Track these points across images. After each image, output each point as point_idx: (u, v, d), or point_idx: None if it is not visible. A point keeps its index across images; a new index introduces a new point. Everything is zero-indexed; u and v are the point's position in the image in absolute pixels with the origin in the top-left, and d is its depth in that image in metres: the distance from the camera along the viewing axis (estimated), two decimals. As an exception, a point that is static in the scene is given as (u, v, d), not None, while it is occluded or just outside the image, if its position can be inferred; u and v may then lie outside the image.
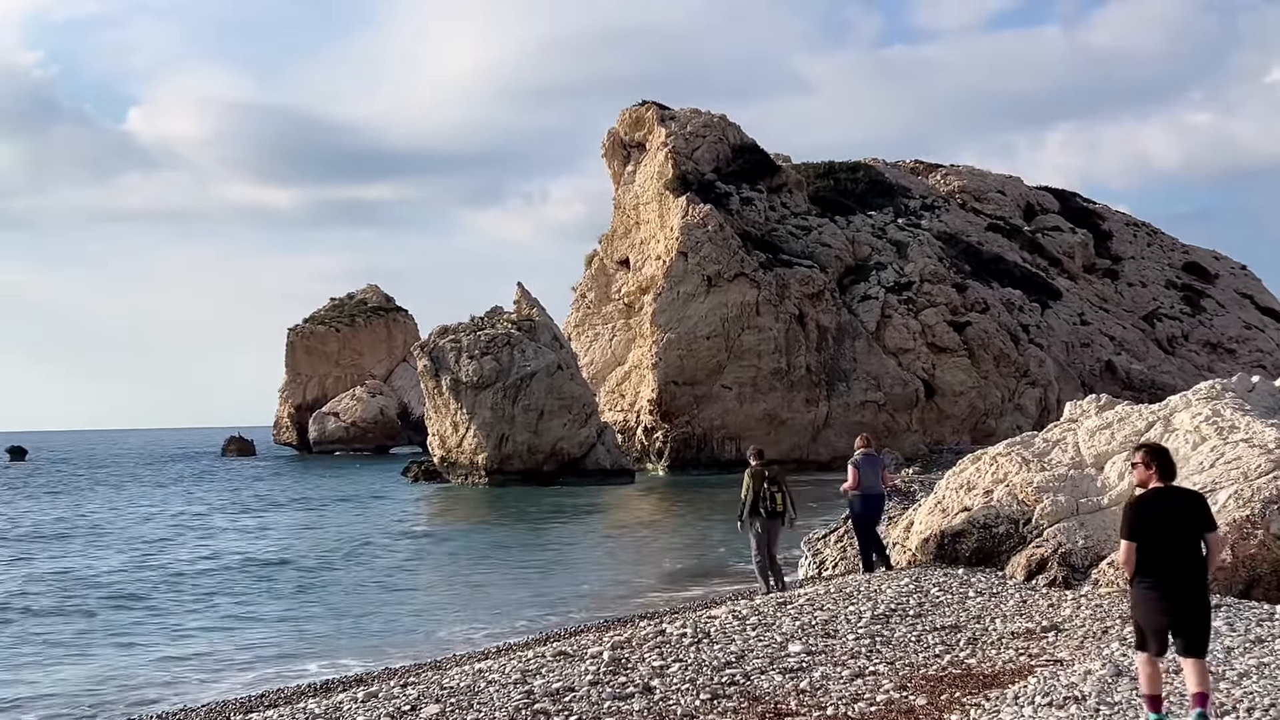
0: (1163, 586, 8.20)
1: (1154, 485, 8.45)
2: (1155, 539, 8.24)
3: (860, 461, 18.74)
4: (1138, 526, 8.32)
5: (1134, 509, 8.44)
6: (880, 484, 19.14)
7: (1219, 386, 18.71)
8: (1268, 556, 14.43)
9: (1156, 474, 8.46)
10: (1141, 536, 8.27)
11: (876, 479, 18.95)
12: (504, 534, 38.62)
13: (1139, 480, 8.61)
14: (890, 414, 71.99)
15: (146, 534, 40.25)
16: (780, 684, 10.93)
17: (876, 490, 18.91)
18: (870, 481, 18.70)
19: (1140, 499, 8.49)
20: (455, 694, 11.22)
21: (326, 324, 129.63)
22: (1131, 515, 8.40)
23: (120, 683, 17.06)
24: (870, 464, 18.87)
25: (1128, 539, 8.35)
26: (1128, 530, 8.37)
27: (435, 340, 66.06)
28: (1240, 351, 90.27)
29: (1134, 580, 8.39)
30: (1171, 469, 8.57)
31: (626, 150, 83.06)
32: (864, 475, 18.59)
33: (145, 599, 25.14)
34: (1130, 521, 8.38)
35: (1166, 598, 8.19)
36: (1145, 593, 8.30)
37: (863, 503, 18.66)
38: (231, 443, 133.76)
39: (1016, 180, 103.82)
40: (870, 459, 18.98)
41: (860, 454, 18.90)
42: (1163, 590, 8.20)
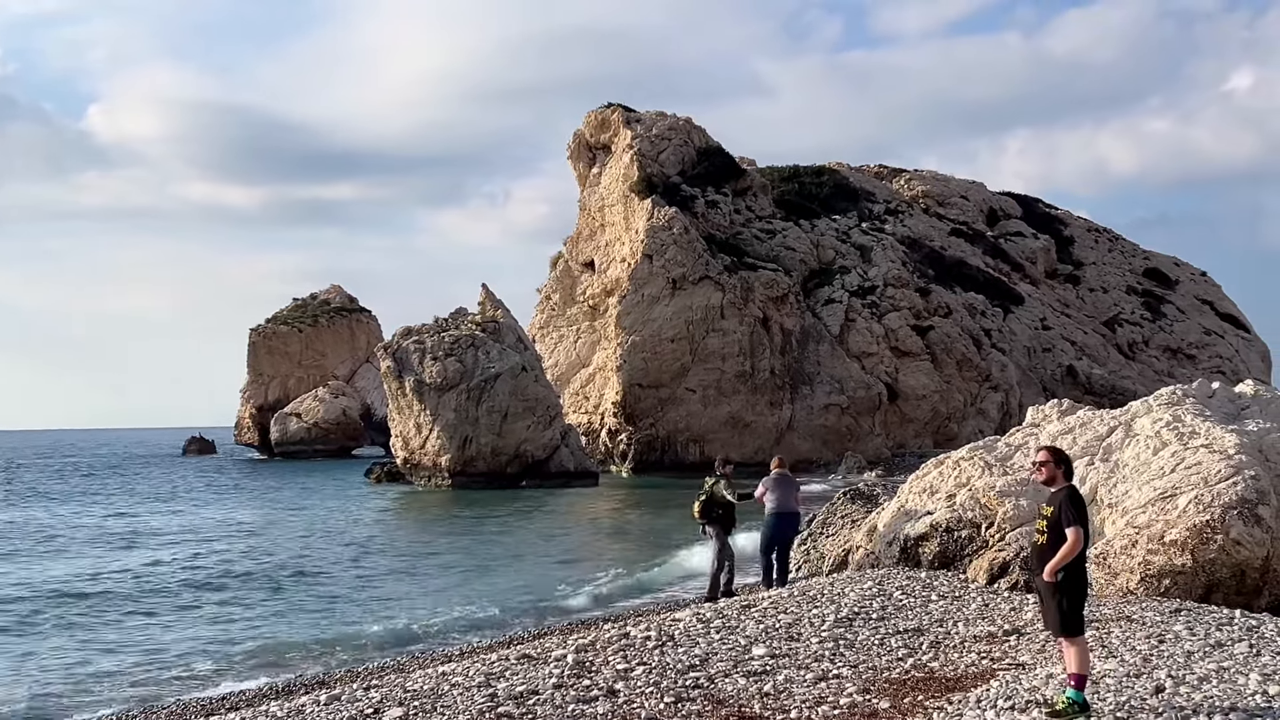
0: (1084, 571, 9.06)
1: (1065, 485, 9.04)
2: (1087, 528, 8.92)
3: (769, 482, 19.26)
4: (1084, 514, 8.88)
5: (1078, 496, 9.00)
6: (792, 503, 19.40)
7: (1180, 392, 18.85)
8: (1227, 561, 14.54)
9: (1063, 474, 9.10)
10: (1085, 523, 8.84)
11: (788, 498, 19.27)
12: (467, 537, 38.49)
13: (1046, 479, 9.16)
14: (853, 417, 72.22)
15: (100, 536, 39.90)
16: (744, 687, 10.93)
17: (788, 509, 19.24)
18: (779, 501, 19.05)
19: (1077, 491, 9.09)
20: (418, 697, 11.16)
21: (289, 324, 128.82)
22: (1079, 502, 8.93)
23: (78, 685, 16.89)
24: (780, 484, 19.27)
25: (1081, 525, 8.78)
26: (1080, 516, 8.81)
27: (399, 341, 65.81)
28: (1200, 357, 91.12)
29: (1067, 568, 8.82)
30: (1072, 468, 9.32)
31: (592, 152, 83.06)
32: (772, 494, 19.06)
33: (99, 601, 24.90)
34: (1079, 508, 8.87)
35: (1086, 582, 9.14)
36: (1081, 578, 8.99)
37: (773, 521, 19.14)
38: (192, 443, 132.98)
39: (979, 186, 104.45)
40: (782, 479, 19.38)
41: (774, 474, 19.42)
42: (1085, 575, 9.08)
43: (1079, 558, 8.90)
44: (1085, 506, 9.07)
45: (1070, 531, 8.78)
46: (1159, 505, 15.28)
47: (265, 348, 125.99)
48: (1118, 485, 16.42)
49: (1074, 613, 8.94)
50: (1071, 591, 8.91)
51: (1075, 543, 8.79)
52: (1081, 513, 8.86)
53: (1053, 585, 8.89)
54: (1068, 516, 8.83)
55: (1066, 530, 8.82)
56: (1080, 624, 8.95)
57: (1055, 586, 8.89)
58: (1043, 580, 8.98)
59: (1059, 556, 8.81)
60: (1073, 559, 8.84)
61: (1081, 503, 8.99)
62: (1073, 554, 8.81)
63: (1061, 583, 8.87)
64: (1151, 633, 12.07)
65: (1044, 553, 9.00)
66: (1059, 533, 8.88)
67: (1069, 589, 8.90)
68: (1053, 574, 8.86)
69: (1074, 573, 8.92)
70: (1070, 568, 8.88)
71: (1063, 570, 8.85)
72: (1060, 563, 8.81)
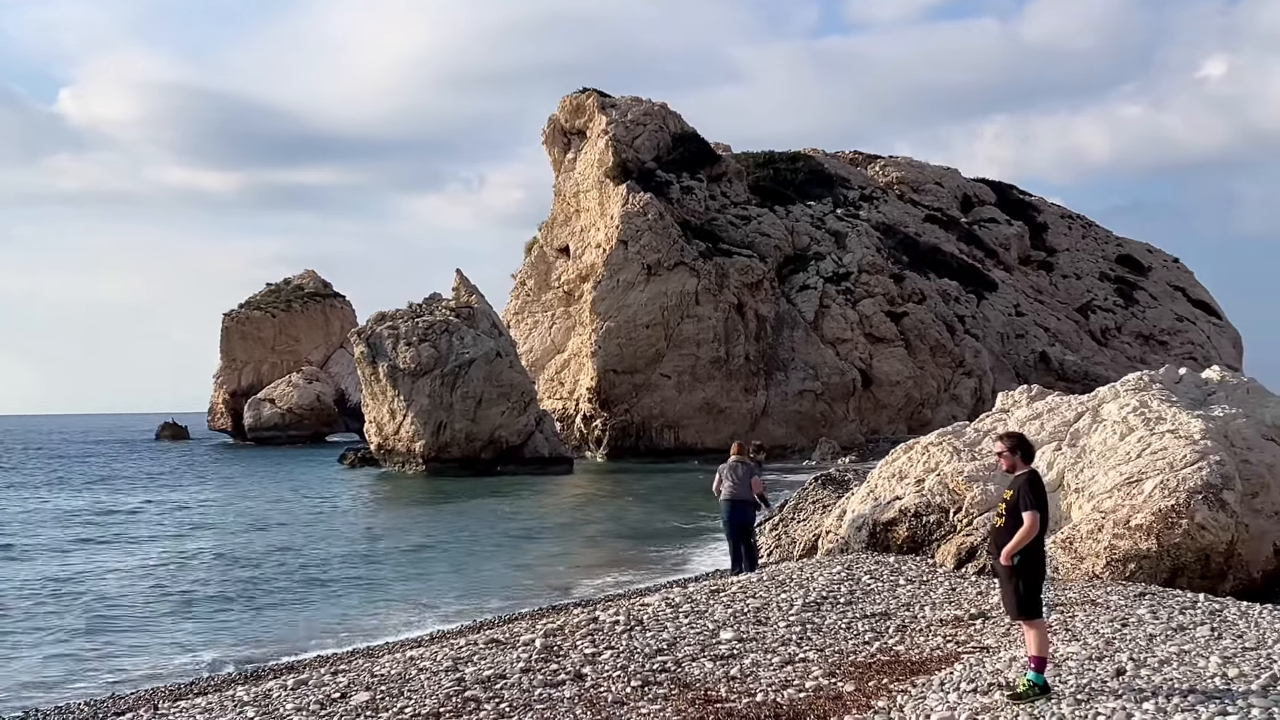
0: (1043, 555, 9.16)
1: (1025, 469, 9.20)
2: (1046, 512, 9.05)
3: (723, 470, 19.63)
4: (1042, 498, 9.01)
5: (1040, 482, 9.16)
6: (745, 490, 19.52)
7: (1147, 378, 18.98)
8: (1192, 546, 14.67)
9: (1021, 459, 9.24)
10: (1043, 508, 8.97)
11: (743, 487, 19.44)
12: (439, 521, 38.47)
13: (1007, 467, 9.35)
14: (828, 403, 72.43)
15: (68, 520, 39.74)
16: (711, 671, 10.98)
17: (740, 497, 19.42)
18: (732, 489, 19.34)
19: (1039, 476, 9.25)
20: (386, 681, 11.17)
21: (263, 309, 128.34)
22: (1038, 486, 9.06)
23: (39, 672, 16.83)
24: (733, 472, 19.51)
25: (1039, 509, 8.92)
26: (1037, 501, 8.95)
27: (373, 327, 65.62)
28: (1172, 343, 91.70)
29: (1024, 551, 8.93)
30: (1033, 453, 9.47)
31: (567, 138, 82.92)
32: (726, 482, 19.41)
33: (69, 588, 24.81)
34: (1038, 492, 9.00)
35: (1045, 564, 9.22)
36: (1039, 562, 9.08)
37: (726, 509, 19.48)
38: (165, 428, 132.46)
39: (954, 172, 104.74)
40: (736, 466, 19.60)
41: (730, 460, 19.74)
42: (1044, 558, 9.21)
43: (1036, 541, 8.97)
44: (1045, 491, 9.15)
45: (1027, 515, 8.88)
46: (1125, 490, 15.40)
47: (239, 333, 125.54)
48: (1084, 470, 16.53)
49: (1031, 596, 9.01)
50: (1028, 575, 8.97)
51: (1031, 526, 8.87)
52: (1039, 497, 8.96)
53: (1009, 568, 8.99)
54: (1025, 500, 8.93)
55: (1023, 514, 8.91)
56: (1038, 607, 9.02)
57: (1012, 570, 8.98)
58: (1000, 563, 9.08)
59: (1015, 540, 8.90)
60: (1030, 542, 8.92)
61: (1041, 487, 9.09)
62: (1028, 537, 8.88)
63: (1018, 566, 8.96)
64: (1115, 616, 12.17)
65: (1001, 536, 9.10)
66: (1017, 517, 8.97)
67: (1026, 572, 8.97)
68: (1009, 557, 8.95)
69: (1031, 556, 8.98)
70: (1027, 551, 8.95)
71: (1019, 554, 8.94)
72: (1016, 546, 8.89)
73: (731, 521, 19.55)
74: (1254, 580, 15.43)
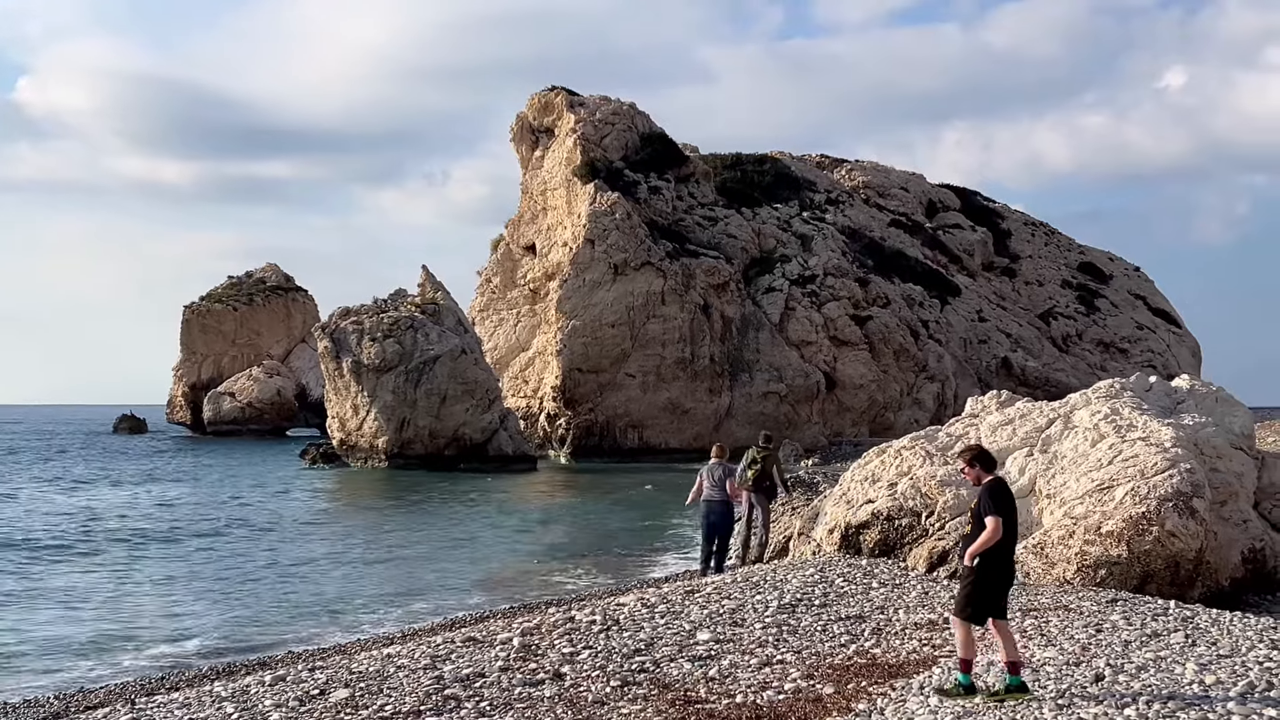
0: (1011, 561, 9.37)
1: (989, 478, 9.42)
2: (1013, 518, 9.26)
3: (704, 471, 20.08)
4: (1006, 504, 9.23)
5: (1004, 489, 9.39)
6: (723, 492, 19.93)
7: (1118, 385, 19.15)
8: (1162, 552, 14.81)
9: (983, 470, 9.48)
10: (1006, 514, 9.17)
11: (721, 489, 19.88)
12: (405, 519, 38.35)
13: (973, 480, 9.62)
14: (791, 405, 72.61)
15: (23, 509, 39.37)
16: (690, 671, 11.00)
17: (715, 498, 19.84)
18: (711, 490, 19.82)
19: (1003, 484, 9.48)
20: (364, 678, 11.14)
21: (224, 302, 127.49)
22: (1000, 493, 9.28)
23: (5, 663, 16.67)
24: (712, 474, 19.92)
25: (1001, 514, 9.13)
26: (997, 506, 9.17)
27: (337, 322, 65.32)
28: (1132, 351, 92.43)
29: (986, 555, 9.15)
30: (993, 462, 9.63)
31: (535, 135, 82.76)
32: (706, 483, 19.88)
33: (27, 576, 24.59)
34: (1000, 499, 9.22)
35: (1011, 571, 9.43)
36: (1003, 567, 9.27)
37: (704, 509, 19.98)
38: (123, 420, 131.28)
39: (919, 177, 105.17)
40: (714, 469, 20.00)
41: (710, 463, 20.18)
42: (1011, 565, 9.38)
43: (1002, 547, 9.20)
44: (1010, 497, 9.37)
45: (989, 520, 9.13)
46: (1096, 496, 15.54)
47: (199, 325, 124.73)
48: (1056, 476, 16.66)
49: (980, 600, 9.26)
50: (986, 579, 9.22)
51: (994, 530, 9.09)
52: (1001, 503, 9.19)
53: (970, 569, 9.26)
54: (986, 506, 9.21)
55: (985, 519, 9.16)
56: (980, 611, 9.27)
57: (972, 570, 9.25)
58: (963, 564, 9.37)
59: (978, 542, 9.16)
60: (995, 548, 9.15)
61: (1004, 494, 9.32)
62: (990, 541, 9.11)
63: (978, 568, 9.21)
64: (1089, 622, 12.28)
65: (968, 542, 9.37)
66: (981, 523, 9.23)
67: (984, 577, 9.22)
68: (971, 558, 9.20)
69: (994, 562, 9.22)
70: (991, 556, 9.19)
71: (981, 558, 9.18)
72: (979, 549, 9.15)
73: (708, 522, 19.86)
74: (1222, 587, 15.61)
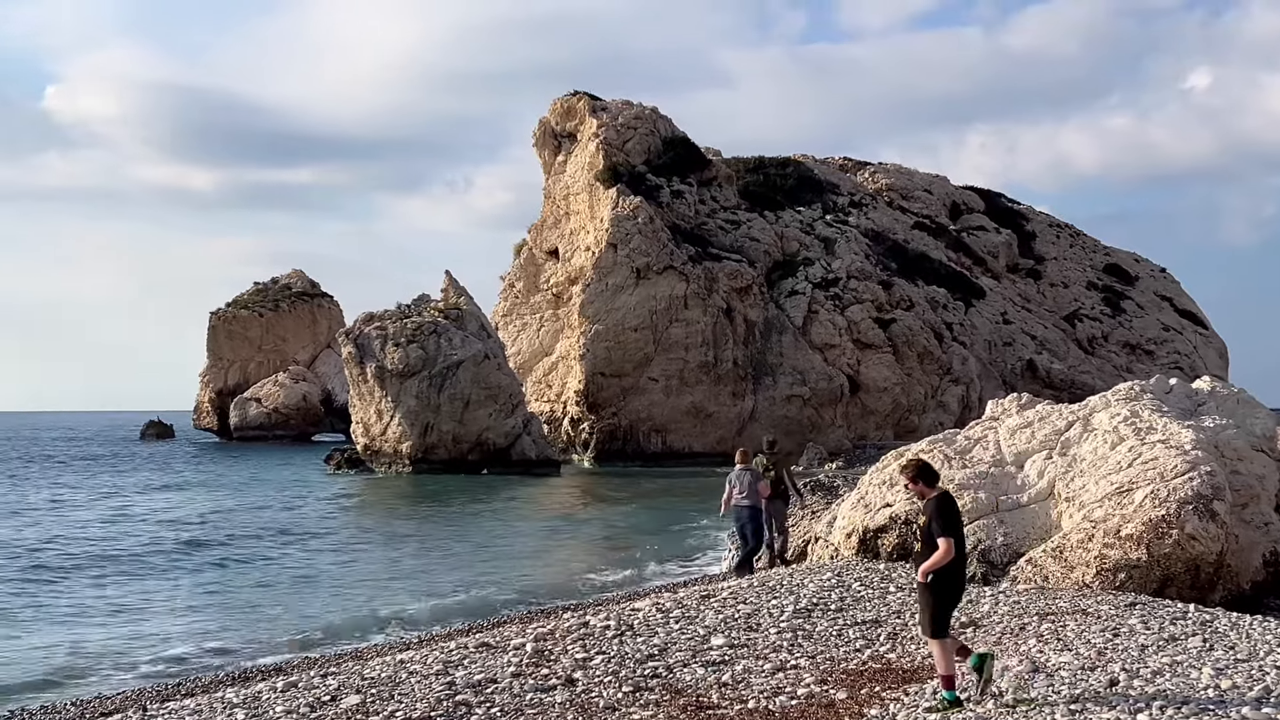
0: (962, 575, 9.52)
1: (934, 493, 9.49)
2: (961, 533, 9.40)
3: (732, 477, 20.25)
4: (956, 522, 9.36)
5: (951, 504, 9.47)
6: (754, 495, 20.11)
7: (1138, 388, 19.02)
8: (1182, 556, 14.69)
9: (925, 484, 9.55)
10: (956, 531, 9.28)
11: (751, 492, 20.05)
12: (426, 524, 38.40)
13: (917, 495, 9.72)
14: (815, 409, 72.42)
15: (56, 517, 39.59)
16: (702, 677, 10.96)
17: (751, 502, 20.03)
18: (741, 495, 19.97)
19: (949, 497, 9.53)
20: (376, 685, 11.13)
21: (250, 308, 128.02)
22: (951, 513, 9.37)
23: (31, 670, 16.73)
24: (741, 478, 20.11)
25: (950, 535, 9.21)
26: (948, 527, 9.24)
27: (361, 327, 65.50)
28: (1159, 353, 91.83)
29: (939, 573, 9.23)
30: (935, 476, 9.70)
31: (557, 140, 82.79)
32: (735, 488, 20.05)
33: (57, 582, 24.69)
34: (949, 517, 9.31)
35: (962, 585, 9.59)
36: (955, 582, 9.40)
37: (736, 514, 20.23)
38: (150, 427, 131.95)
39: (943, 179, 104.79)
40: (743, 473, 20.18)
41: (737, 468, 20.33)
42: (962, 579, 9.53)
43: (954, 563, 9.29)
44: (956, 512, 9.47)
45: (941, 542, 9.20)
46: (1115, 499, 15.42)
47: (225, 332, 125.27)
48: (1075, 479, 16.55)
49: (941, 616, 9.34)
50: (941, 596, 9.32)
51: (946, 551, 9.18)
52: (949, 521, 9.27)
53: (925, 586, 9.35)
54: (936, 527, 9.27)
55: (938, 540, 9.23)
56: (945, 627, 9.37)
57: (927, 588, 9.35)
58: (918, 581, 9.44)
59: (930, 562, 9.25)
60: (948, 565, 9.24)
61: (951, 510, 9.39)
62: (943, 560, 9.20)
63: (932, 585, 9.30)
64: (1106, 626, 12.17)
65: (920, 559, 9.48)
66: (932, 542, 9.31)
67: (939, 593, 9.32)
68: (924, 576, 9.30)
69: (946, 578, 9.31)
70: (943, 573, 9.28)
71: (934, 574, 9.26)
72: (933, 566, 9.24)
73: (742, 525, 20.11)
74: (1243, 590, 15.48)
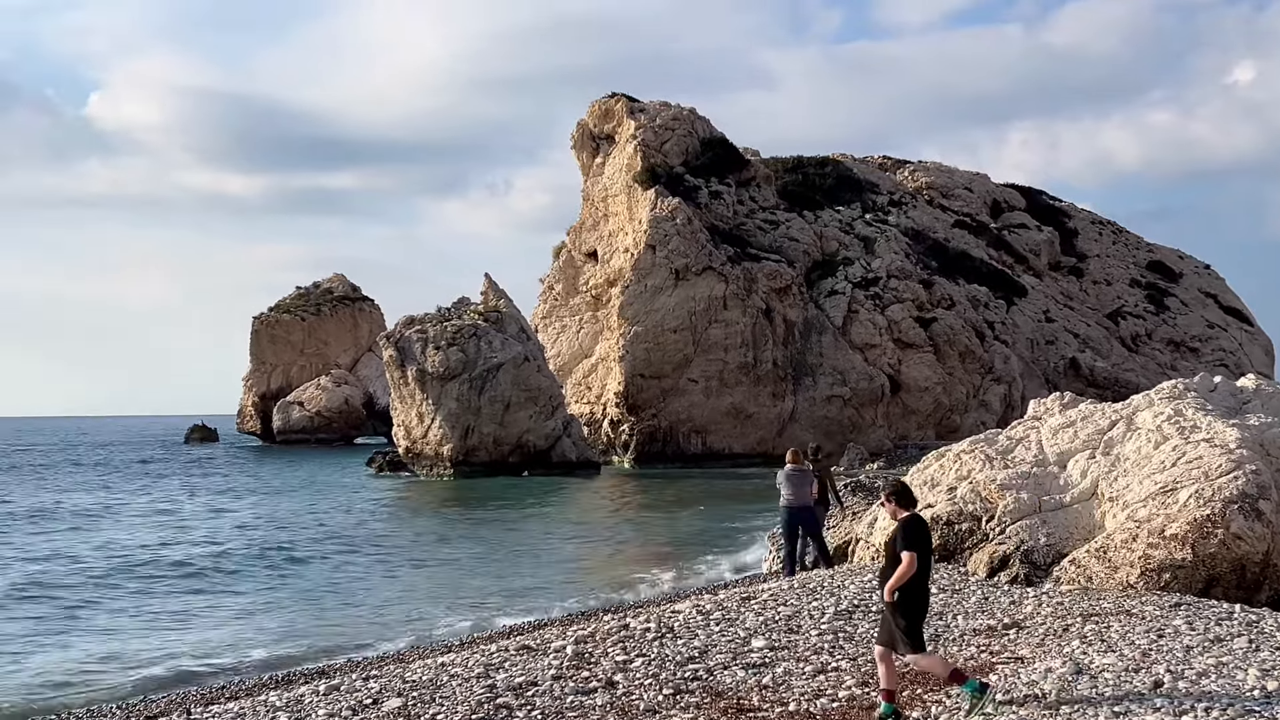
0: (925, 593, 9.65)
1: (905, 514, 9.66)
2: (927, 552, 9.52)
3: (782, 476, 20.02)
4: (921, 540, 9.50)
5: (920, 524, 9.69)
6: (806, 497, 19.96)
7: (1181, 386, 18.84)
8: (1227, 555, 14.54)
9: (899, 505, 9.72)
10: (921, 549, 9.41)
11: (802, 492, 19.86)
12: (467, 526, 38.52)
13: (890, 514, 9.90)
14: (856, 409, 72.18)
15: (107, 521, 39.98)
16: (743, 679, 10.94)
17: (800, 503, 19.85)
18: (792, 495, 19.76)
19: (919, 519, 9.77)
20: (417, 687, 11.18)
21: (292, 313, 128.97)
22: (917, 529, 9.57)
23: (74, 673, 16.89)
24: (792, 479, 19.89)
25: (914, 550, 9.35)
26: (912, 541, 9.40)
27: (402, 330, 65.83)
28: (1203, 350, 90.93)
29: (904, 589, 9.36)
30: (912, 500, 9.87)
31: (595, 142, 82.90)
32: (785, 488, 19.81)
33: (106, 589, 24.93)
34: (915, 534, 9.48)
35: (926, 603, 9.73)
36: (921, 599, 9.53)
37: (786, 515, 19.96)
38: (195, 430, 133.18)
39: (983, 177, 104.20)
40: (795, 474, 19.98)
41: (788, 468, 20.09)
42: (925, 596, 9.67)
43: (918, 580, 9.40)
44: (925, 533, 9.68)
45: (905, 555, 9.34)
46: (1160, 499, 15.29)
47: (268, 336, 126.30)
48: (1119, 479, 16.42)
49: (911, 630, 9.44)
50: (908, 611, 9.42)
51: (909, 565, 9.30)
52: (915, 539, 9.43)
53: (892, 604, 9.46)
54: (902, 541, 9.45)
55: (901, 554, 9.37)
56: (920, 641, 9.50)
57: (894, 605, 9.45)
58: (884, 599, 9.53)
59: (895, 577, 9.37)
60: (911, 580, 9.35)
61: (919, 530, 9.58)
62: (906, 575, 9.32)
63: (899, 602, 9.41)
64: (1151, 627, 12.06)
65: (885, 575, 9.58)
66: (896, 558, 9.44)
67: (906, 608, 9.41)
68: (890, 593, 9.40)
69: (912, 594, 9.42)
70: (909, 589, 9.38)
71: (900, 591, 9.37)
72: (896, 583, 9.36)
73: (792, 525, 19.98)
74: (1290, 591, 15.28)
